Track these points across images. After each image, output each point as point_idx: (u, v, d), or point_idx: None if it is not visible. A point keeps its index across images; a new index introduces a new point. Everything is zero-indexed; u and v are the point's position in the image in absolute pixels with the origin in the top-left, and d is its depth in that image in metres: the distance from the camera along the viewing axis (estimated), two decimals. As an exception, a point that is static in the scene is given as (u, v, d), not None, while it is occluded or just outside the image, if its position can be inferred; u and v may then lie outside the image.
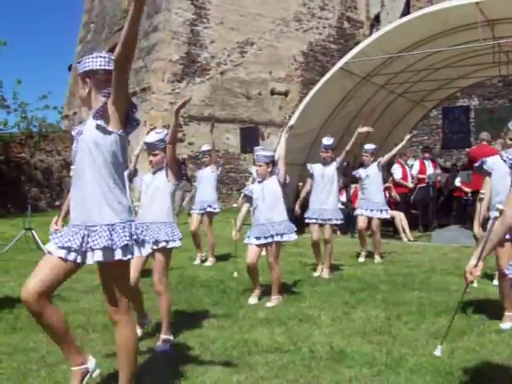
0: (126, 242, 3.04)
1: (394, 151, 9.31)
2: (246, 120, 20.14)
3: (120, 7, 22.87)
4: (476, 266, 3.06)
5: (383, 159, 8.94)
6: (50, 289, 3.12)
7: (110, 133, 3.05)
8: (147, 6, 20.20)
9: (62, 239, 3.10)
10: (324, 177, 7.68)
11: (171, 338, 4.58)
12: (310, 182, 7.90)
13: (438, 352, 3.50)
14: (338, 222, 7.92)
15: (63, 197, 18.72)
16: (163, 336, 4.52)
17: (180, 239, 4.64)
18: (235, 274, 7.22)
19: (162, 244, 4.52)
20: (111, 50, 3.32)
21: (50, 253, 3.13)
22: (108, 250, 3.02)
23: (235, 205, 9.16)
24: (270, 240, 5.98)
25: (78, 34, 27.39)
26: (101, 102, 3.07)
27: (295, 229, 6.11)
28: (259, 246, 6.03)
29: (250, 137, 13.77)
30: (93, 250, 3.03)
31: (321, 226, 7.71)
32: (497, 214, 3.02)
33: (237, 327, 4.98)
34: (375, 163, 8.81)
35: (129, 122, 3.12)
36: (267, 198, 6.02)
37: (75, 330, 4.69)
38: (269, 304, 5.90)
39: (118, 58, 2.89)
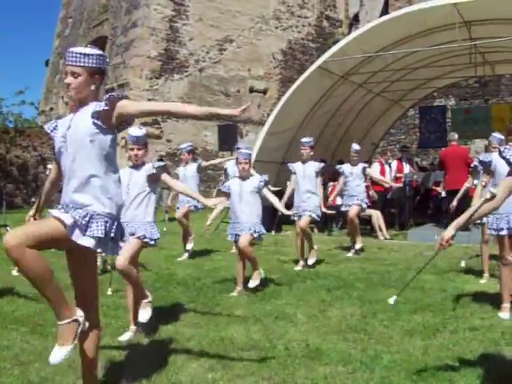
0: (98, 235, 3.01)
1: (378, 178, 10.43)
2: (223, 117, 20.09)
3: (98, 2, 22.68)
4: (453, 237, 3.34)
5: (370, 172, 9.66)
6: (36, 241, 2.85)
7: (106, 133, 3.09)
8: (126, 2, 20.08)
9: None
10: (305, 175, 7.92)
11: (150, 299, 4.64)
12: (295, 179, 8.09)
13: (391, 301, 4.20)
14: (316, 218, 8.08)
15: (39, 193, 18.55)
16: (143, 301, 4.58)
17: (156, 239, 4.75)
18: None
19: (138, 235, 4.64)
20: (89, 45, 3.32)
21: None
22: (76, 227, 2.96)
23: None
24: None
25: (55, 29, 27.12)
26: (99, 102, 3.08)
27: (263, 232, 6.25)
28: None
29: (228, 134, 13.75)
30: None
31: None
32: (488, 195, 3.22)
33: (213, 325, 4.97)
34: (361, 165, 9.18)
35: (124, 125, 3.22)
36: (244, 197, 6.14)
37: (51, 327, 4.65)
38: (251, 284, 6.20)
39: (169, 113, 3.39)
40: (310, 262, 7.90)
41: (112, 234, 3.09)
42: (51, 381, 3.58)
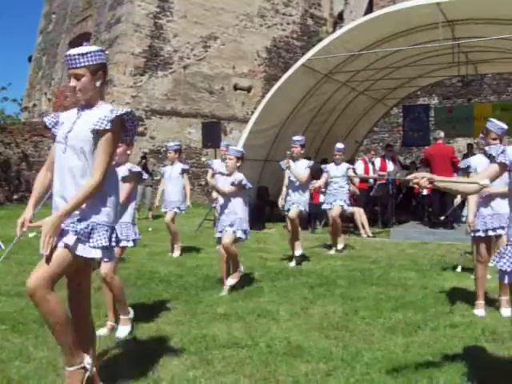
0: (103, 244, 3.03)
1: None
2: (208, 115, 20.07)
3: (82, -2, 22.51)
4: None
5: (354, 175, 9.88)
6: (55, 280, 2.99)
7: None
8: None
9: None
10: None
11: (131, 315, 4.64)
12: (287, 175, 8.20)
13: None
14: (304, 211, 8.14)
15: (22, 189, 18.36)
16: (123, 317, 4.57)
17: (134, 240, 4.75)
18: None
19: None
20: (73, 41, 3.30)
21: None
22: (81, 244, 2.99)
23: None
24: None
25: (38, 25, 26.89)
26: (104, 115, 3.07)
27: (247, 229, 6.21)
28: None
29: (212, 132, 13.71)
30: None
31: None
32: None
33: (195, 322, 4.96)
34: (345, 164, 9.31)
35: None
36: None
37: (31, 325, 4.64)
38: (230, 281, 6.17)
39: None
40: (297, 253, 7.95)
41: (113, 241, 3.13)
42: (32, 379, 3.55)
